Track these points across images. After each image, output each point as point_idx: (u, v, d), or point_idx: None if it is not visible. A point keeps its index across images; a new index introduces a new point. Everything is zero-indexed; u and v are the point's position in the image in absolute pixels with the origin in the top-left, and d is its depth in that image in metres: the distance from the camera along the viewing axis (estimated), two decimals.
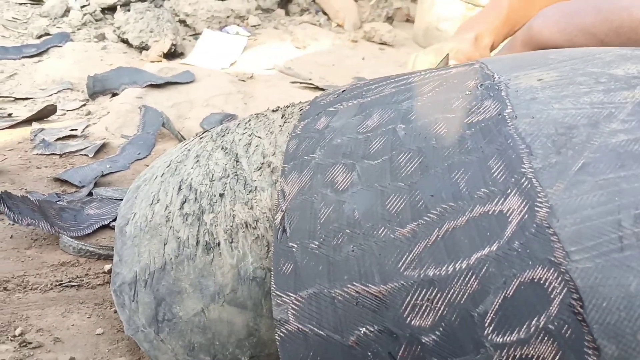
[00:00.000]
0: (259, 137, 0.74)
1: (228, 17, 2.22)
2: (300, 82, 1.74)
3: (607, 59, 0.58)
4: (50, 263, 0.86)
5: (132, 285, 0.66)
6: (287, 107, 0.82)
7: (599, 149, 0.45)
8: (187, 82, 1.59)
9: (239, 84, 1.67)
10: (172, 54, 1.86)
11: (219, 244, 0.64)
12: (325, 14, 2.58)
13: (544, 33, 0.74)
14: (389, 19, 2.67)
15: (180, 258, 0.64)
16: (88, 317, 0.76)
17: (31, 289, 0.80)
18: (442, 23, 2.36)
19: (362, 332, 0.47)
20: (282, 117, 0.77)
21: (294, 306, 0.51)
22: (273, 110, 0.82)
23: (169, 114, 1.41)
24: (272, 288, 0.52)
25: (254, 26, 2.29)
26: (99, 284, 0.82)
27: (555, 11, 0.74)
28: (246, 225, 0.64)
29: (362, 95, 0.68)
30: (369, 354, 0.47)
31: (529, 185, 0.45)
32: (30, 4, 2.16)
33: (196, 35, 2.10)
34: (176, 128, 1.36)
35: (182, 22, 2.16)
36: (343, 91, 0.73)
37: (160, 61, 1.80)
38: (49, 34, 1.96)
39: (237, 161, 0.71)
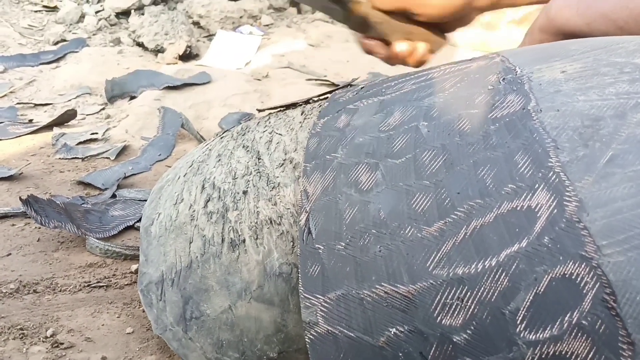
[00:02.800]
0: (279, 134, 0.74)
1: (241, 17, 2.23)
2: (316, 79, 1.74)
3: (630, 48, 0.56)
4: (77, 265, 0.87)
5: (159, 285, 0.67)
6: (307, 103, 0.83)
7: (627, 140, 0.44)
8: (204, 83, 1.60)
9: (255, 83, 1.68)
10: (187, 56, 1.88)
11: (244, 240, 0.64)
12: None
13: (562, 16, 0.73)
14: None
15: (206, 256, 0.65)
16: (117, 317, 0.77)
17: (60, 291, 0.81)
18: None
19: (392, 332, 0.47)
20: (301, 114, 0.78)
21: (322, 308, 0.51)
22: (292, 108, 0.83)
23: (187, 115, 1.42)
24: (300, 290, 0.53)
25: (267, 25, 2.29)
26: (127, 284, 0.84)
27: None
28: (270, 222, 0.64)
29: (382, 93, 0.67)
30: (400, 354, 0.47)
31: (557, 180, 0.44)
32: (46, 11, 2.18)
33: (210, 36, 2.11)
34: (195, 128, 1.37)
35: (196, 23, 2.17)
36: (362, 88, 0.73)
37: (176, 63, 1.82)
38: (65, 40, 1.98)
39: (259, 158, 0.71)
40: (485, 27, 2.30)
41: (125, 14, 2.17)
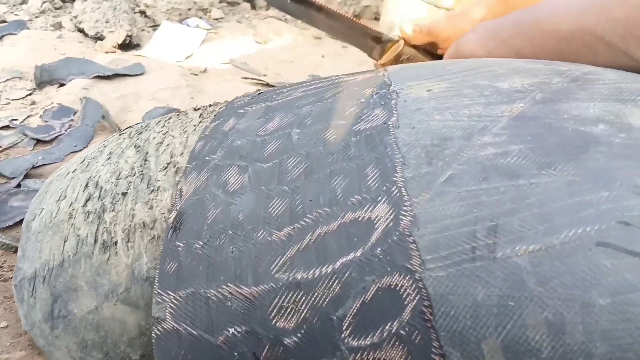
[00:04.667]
0: (172, 136, 0.74)
1: (189, 9, 2.21)
2: (252, 79, 1.74)
3: (498, 72, 0.59)
4: None
5: (31, 281, 0.67)
6: (210, 105, 0.83)
7: (467, 161, 0.46)
8: (137, 75, 1.59)
9: (190, 77, 1.67)
10: (127, 45, 1.85)
11: (116, 242, 0.64)
12: None
13: (468, 47, 0.77)
14: (357, 17, 2.67)
15: (78, 256, 0.65)
16: None
17: None
18: (406, 23, 2.37)
19: (230, 332, 0.48)
20: (199, 117, 0.78)
21: (172, 305, 0.52)
22: (195, 109, 0.83)
23: (113, 106, 1.40)
24: (154, 286, 0.53)
25: (217, 19, 2.28)
26: (11, 277, 0.83)
27: (483, 27, 0.76)
28: (144, 225, 0.64)
29: (272, 99, 0.69)
30: (235, 354, 0.48)
31: (398, 194, 0.46)
32: None
33: (155, 26, 2.09)
34: (118, 121, 1.36)
35: (142, 12, 2.14)
36: (259, 94, 0.74)
37: (115, 52, 1.79)
38: (5, 21, 1.94)
39: (145, 160, 0.71)
40: None
41: None
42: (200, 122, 0.76)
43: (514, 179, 0.44)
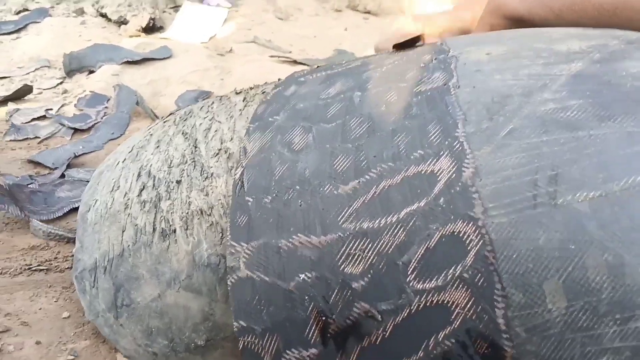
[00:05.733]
0: (219, 121, 0.74)
1: None
2: (279, 57, 1.73)
3: (554, 37, 0.61)
4: (20, 247, 0.87)
5: (92, 272, 0.68)
6: (251, 89, 0.83)
7: (528, 116, 0.48)
8: (164, 58, 1.59)
9: (217, 58, 1.67)
10: (151, 28, 1.85)
11: (174, 230, 0.65)
12: None
13: (508, 2, 0.76)
14: None
15: (138, 245, 0.66)
16: (55, 301, 0.77)
17: (1, 274, 0.82)
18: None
19: (301, 278, 0.51)
20: (243, 101, 0.78)
21: (245, 255, 0.54)
22: (237, 93, 0.83)
23: (144, 91, 1.41)
24: (227, 237, 0.56)
25: None
26: (67, 268, 0.84)
27: None
28: (201, 212, 0.65)
29: (332, 68, 0.72)
30: (306, 297, 0.51)
31: (460, 148, 0.48)
32: None
33: (177, 7, 2.08)
34: (151, 106, 1.36)
35: None
36: (318, 67, 0.77)
37: (139, 35, 1.79)
38: (27, 10, 1.94)
39: (195, 147, 0.71)
40: (458, 2, 2.29)
41: None
42: (245, 106, 0.76)
43: (573, 130, 0.46)
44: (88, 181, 1.03)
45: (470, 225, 0.44)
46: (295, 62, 1.71)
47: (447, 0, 0.96)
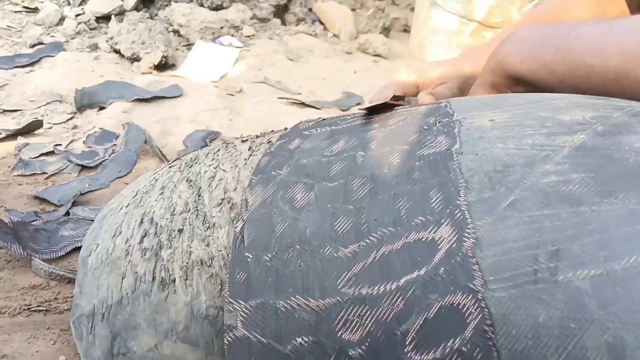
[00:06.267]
0: (223, 170, 0.75)
1: (222, 27, 2.23)
2: (288, 98, 1.75)
3: (559, 105, 0.61)
4: (21, 286, 0.87)
5: (90, 318, 0.68)
6: (257, 137, 0.84)
7: (530, 187, 0.48)
8: (175, 97, 1.61)
9: (227, 98, 1.69)
10: (163, 66, 1.88)
11: (174, 280, 0.65)
12: (321, 23, 2.59)
13: (509, 63, 0.75)
14: (386, 30, 2.67)
15: (137, 293, 0.66)
16: (52, 344, 0.77)
17: (0, 313, 0.82)
18: (437, 36, 2.37)
19: (298, 342, 0.51)
20: (249, 149, 0.78)
21: (242, 313, 0.54)
22: (243, 140, 0.83)
23: (154, 130, 1.42)
24: (225, 294, 0.56)
25: (249, 36, 2.30)
26: (67, 309, 0.84)
27: (521, 39, 0.75)
28: (201, 263, 0.65)
29: (337, 123, 0.72)
30: None
31: (461, 217, 0.48)
32: (26, 11, 2.18)
33: (189, 45, 2.11)
34: (159, 145, 1.37)
35: (176, 32, 2.17)
36: (323, 119, 0.77)
37: (151, 73, 1.82)
38: (42, 43, 1.97)
39: (199, 195, 0.72)
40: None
41: (105, 18, 2.17)
42: (251, 155, 0.77)
43: (575, 205, 0.45)
44: (92, 220, 1.04)
45: (470, 297, 0.44)
46: (303, 104, 1.72)
47: (455, 49, 0.96)
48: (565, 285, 0.42)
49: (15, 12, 2.16)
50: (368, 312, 0.48)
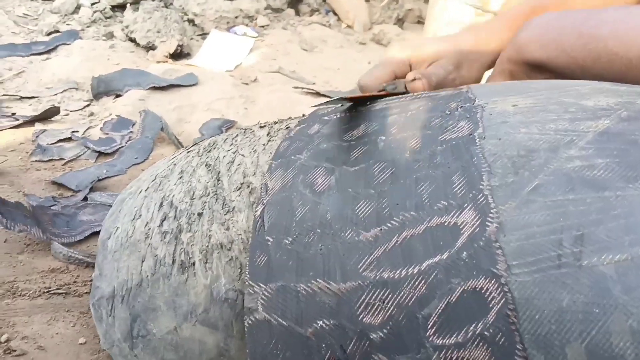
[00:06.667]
0: (242, 155, 0.75)
1: (237, 17, 2.23)
2: (302, 88, 1.75)
3: (582, 91, 0.60)
4: (40, 269, 0.88)
5: (109, 300, 0.68)
6: (275, 123, 0.84)
7: (554, 172, 0.48)
8: (190, 85, 1.61)
9: (242, 87, 1.69)
10: (178, 55, 1.88)
11: (193, 263, 0.65)
12: (335, 14, 2.58)
13: (528, 49, 0.75)
14: (400, 21, 2.66)
15: (157, 276, 0.66)
16: (72, 326, 0.78)
17: (20, 295, 0.82)
18: (452, 28, 2.35)
19: (319, 325, 0.51)
20: (267, 135, 0.78)
21: (263, 296, 0.54)
22: (261, 126, 0.83)
23: (170, 118, 1.43)
24: (245, 277, 0.56)
25: (263, 26, 2.30)
26: (86, 292, 0.85)
27: (540, 25, 0.74)
28: (221, 246, 0.65)
29: (356, 109, 0.71)
30: (323, 345, 0.50)
31: (484, 201, 0.48)
32: (42, 0, 2.19)
33: (204, 35, 2.12)
34: (176, 132, 1.38)
35: (191, 21, 2.17)
36: (342, 105, 0.77)
37: (167, 61, 1.82)
38: (58, 31, 1.98)
39: (218, 179, 0.72)
40: None
41: (121, 7, 2.18)
42: (269, 141, 0.77)
43: (600, 190, 0.45)
44: (110, 205, 1.04)
45: (492, 282, 0.44)
46: (318, 93, 1.72)
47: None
48: (589, 270, 0.42)
49: (32, 0, 2.17)
50: (390, 296, 0.48)
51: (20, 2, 2.15)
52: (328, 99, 0.71)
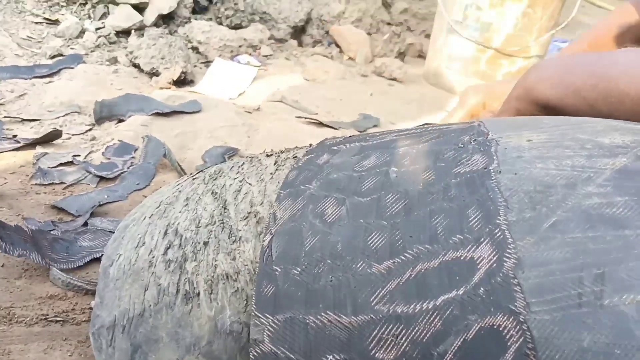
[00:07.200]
0: (249, 183, 0.74)
1: (240, 46, 2.24)
2: (306, 117, 1.75)
3: (597, 128, 0.60)
4: (38, 295, 0.86)
5: (110, 330, 0.66)
6: (282, 152, 0.83)
7: (572, 209, 0.47)
8: (194, 112, 1.61)
9: (245, 115, 1.69)
10: (182, 81, 1.88)
11: (198, 294, 0.64)
12: (337, 46, 2.60)
13: (537, 89, 0.75)
14: (401, 55, 2.68)
15: (160, 306, 0.64)
16: (70, 355, 0.76)
17: (17, 322, 0.80)
18: (453, 63, 2.37)
19: (329, 359, 0.49)
20: (274, 164, 0.78)
21: (270, 328, 0.53)
22: (267, 155, 0.83)
23: (172, 144, 1.42)
24: (252, 308, 0.54)
25: (266, 56, 2.31)
26: (84, 320, 0.83)
27: (550, 66, 0.75)
28: (227, 277, 0.64)
29: (366, 140, 0.72)
30: None
31: (502, 237, 0.47)
32: (47, 23, 2.19)
33: (208, 62, 2.13)
34: (178, 159, 1.37)
35: (195, 49, 2.18)
36: (350, 136, 0.77)
37: (170, 88, 1.82)
38: (62, 55, 1.99)
39: (225, 208, 0.71)
40: (482, 77, 2.32)
41: (125, 33, 2.19)
42: (277, 170, 0.76)
43: (619, 229, 0.44)
44: (111, 231, 1.03)
45: (511, 319, 0.43)
46: (321, 123, 1.72)
47: (471, 76, 0.96)
48: (610, 309, 0.41)
49: (36, 23, 2.18)
50: (403, 331, 0.47)
51: (25, 25, 2.15)
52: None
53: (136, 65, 1.96)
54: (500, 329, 0.43)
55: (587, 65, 0.71)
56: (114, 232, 0.99)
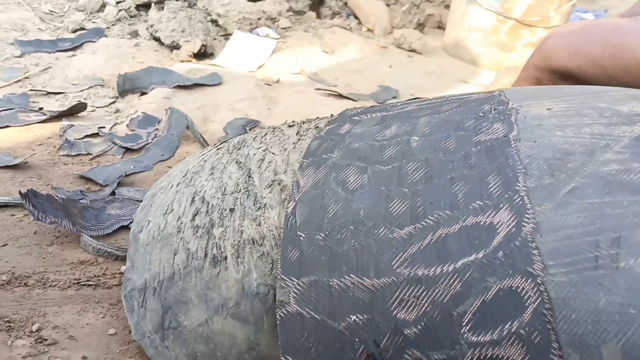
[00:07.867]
0: (272, 153, 0.76)
1: (259, 18, 2.24)
2: (325, 89, 1.76)
3: (616, 97, 0.61)
4: (70, 261, 0.90)
5: (141, 292, 0.70)
6: (304, 122, 0.85)
7: (590, 175, 0.49)
8: (215, 85, 1.62)
9: (265, 88, 1.70)
10: (202, 54, 1.90)
11: (225, 258, 0.66)
12: (356, 18, 2.59)
13: (555, 57, 0.76)
14: (420, 26, 2.66)
15: (189, 269, 0.67)
16: (102, 317, 0.79)
17: (50, 286, 0.84)
18: (473, 33, 2.36)
19: (352, 319, 0.52)
20: (297, 134, 0.79)
21: (295, 290, 0.56)
22: (289, 125, 0.85)
23: (194, 116, 1.44)
24: (277, 271, 0.57)
25: (285, 28, 2.31)
26: (115, 285, 0.86)
27: (567, 34, 0.75)
28: (253, 242, 0.66)
29: (387, 110, 0.74)
30: (356, 339, 0.51)
31: (520, 202, 0.49)
32: None
33: (227, 35, 2.13)
34: (200, 131, 1.39)
35: (214, 22, 2.19)
36: (372, 106, 0.78)
37: (190, 61, 1.84)
38: (84, 29, 2.01)
39: (249, 176, 0.73)
40: (502, 48, 2.31)
41: (145, 6, 2.20)
42: (299, 139, 0.78)
43: (636, 194, 0.46)
44: (138, 200, 1.06)
45: (529, 281, 0.45)
46: (341, 95, 1.73)
47: (491, 47, 0.97)
48: (626, 271, 0.43)
49: None
50: (424, 293, 0.49)
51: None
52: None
53: (157, 39, 1.97)
54: (519, 290, 0.45)
55: (604, 33, 0.71)
56: (141, 201, 1.02)
